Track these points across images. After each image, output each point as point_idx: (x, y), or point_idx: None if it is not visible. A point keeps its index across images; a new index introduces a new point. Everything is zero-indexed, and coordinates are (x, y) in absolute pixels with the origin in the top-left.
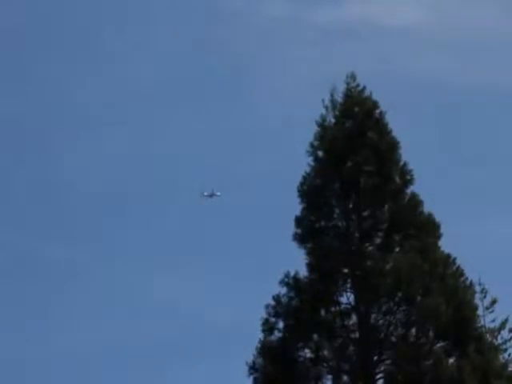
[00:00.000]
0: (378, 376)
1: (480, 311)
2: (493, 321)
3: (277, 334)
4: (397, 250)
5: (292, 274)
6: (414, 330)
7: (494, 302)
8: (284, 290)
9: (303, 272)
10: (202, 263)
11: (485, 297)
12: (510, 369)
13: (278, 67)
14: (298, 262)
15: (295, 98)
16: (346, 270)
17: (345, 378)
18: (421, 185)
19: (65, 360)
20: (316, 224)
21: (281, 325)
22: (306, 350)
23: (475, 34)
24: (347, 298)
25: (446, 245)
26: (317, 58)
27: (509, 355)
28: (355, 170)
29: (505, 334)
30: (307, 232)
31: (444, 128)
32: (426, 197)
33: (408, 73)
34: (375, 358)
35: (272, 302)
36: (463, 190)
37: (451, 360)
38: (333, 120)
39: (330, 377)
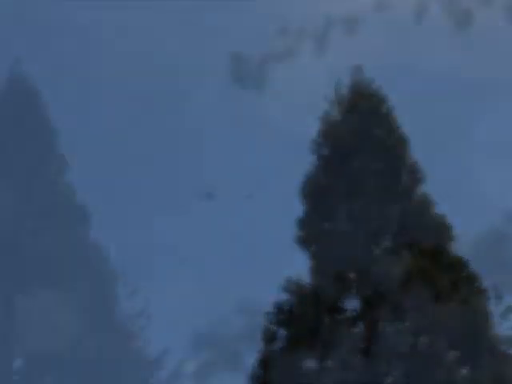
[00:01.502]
0: None
1: (495, 319)
2: (508, 329)
3: (278, 344)
4: (406, 253)
5: (294, 279)
6: (424, 339)
7: (509, 309)
8: (285, 297)
9: (306, 277)
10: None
11: (500, 303)
12: None
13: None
14: (300, 266)
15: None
16: (351, 275)
17: None
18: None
19: None
20: (320, 226)
21: (282, 333)
22: (309, 361)
23: (481, 26)
24: (353, 305)
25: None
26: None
27: None
28: (362, 169)
29: None
30: (310, 235)
31: (443, 124)
32: None
33: (407, 67)
34: (383, 368)
35: (272, 310)
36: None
37: (464, 371)
38: (338, 116)
39: None
